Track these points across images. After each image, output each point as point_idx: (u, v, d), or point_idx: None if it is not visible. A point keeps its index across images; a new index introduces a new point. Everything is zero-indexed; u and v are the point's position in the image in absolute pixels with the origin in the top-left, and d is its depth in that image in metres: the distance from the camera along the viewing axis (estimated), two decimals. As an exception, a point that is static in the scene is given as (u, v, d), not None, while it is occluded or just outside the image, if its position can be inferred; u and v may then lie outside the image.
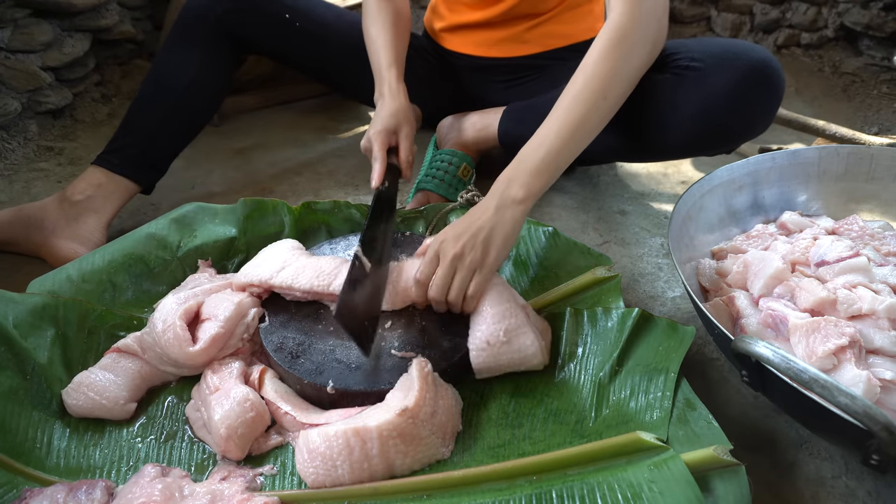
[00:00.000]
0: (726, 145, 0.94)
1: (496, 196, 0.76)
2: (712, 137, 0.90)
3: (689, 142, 0.91)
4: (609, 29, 0.80)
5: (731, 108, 0.86)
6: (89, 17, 1.46)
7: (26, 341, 0.73)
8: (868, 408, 0.50)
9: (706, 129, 0.88)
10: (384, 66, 1.03)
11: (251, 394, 0.68)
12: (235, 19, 1.11)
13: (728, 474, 0.58)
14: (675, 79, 0.89)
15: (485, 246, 0.74)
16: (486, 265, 0.74)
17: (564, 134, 0.77)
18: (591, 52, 0.80)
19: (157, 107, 1.07)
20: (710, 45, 0.89)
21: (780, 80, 0.86)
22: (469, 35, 1.19)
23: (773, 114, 0.90)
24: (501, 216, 0.75)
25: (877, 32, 1.83)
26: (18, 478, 0.64)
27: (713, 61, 0.86)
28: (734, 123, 0.88)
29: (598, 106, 0.78)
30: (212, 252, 0.91)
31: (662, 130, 0.92)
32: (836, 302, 0.71)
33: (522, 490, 0.60)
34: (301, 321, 0.78)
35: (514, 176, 0.77)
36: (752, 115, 0.88)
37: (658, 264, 1.01)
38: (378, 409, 0.65)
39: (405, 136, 0.98)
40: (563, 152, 0.77)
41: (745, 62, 0.85)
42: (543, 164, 0.76)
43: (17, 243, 0.99)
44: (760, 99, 0.86)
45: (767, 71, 0.85)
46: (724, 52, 0.87)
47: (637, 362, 0.72)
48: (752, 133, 0.90)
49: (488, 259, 0.74)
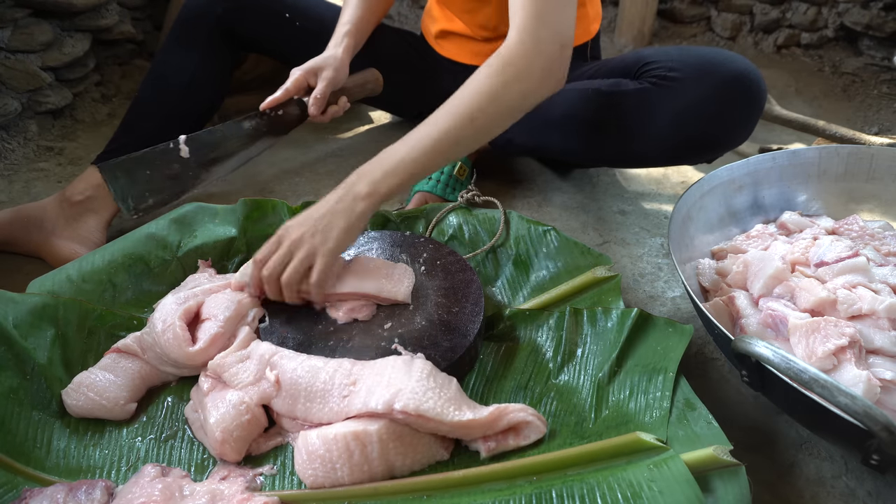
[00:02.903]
0: (705, 155, 0.94)
1: (344, 187, 0.77)
2: (690, 148, 0.90)
3: (666, 152, 0.92)
4: (497, 53, 0.79)
5: (709, 119, 0.86)
6: (89, 17, 1.45)
7: (26, 341, 0.73)
8: (868, 408, 0.50)
9: (684, 139, 0.89)
10: (342, 22, 1.09)
11: (247, 396, 0.68)
12: (235, 18, 1.11)
13: (728, 474, 0.58)
14: (652, 89, 0.89)
15: (325, 233, 0.75)
16: (324, 251, 0.75)
17: (425, 145, 0.77)
18: (478, 71, 0.79)
19: (156, 107, 1.07)
20: (689, 54, 0.89)
21: (759, 92, 0.86)
22: (464, 44, 1.19)
23: (752, 125, 0.89)
24: (344, 206, 0.76)
25: (877, 32, 1.83)
26: (18, 478, 0.64)
27: (691, 72, 0.86)
28: (712, 134, 0.88)
29: (464, 127, 0.77)
30: (212, 252, 0.91)
31: (640, 140, 0.92)
32: (836, 302, 0.71)
33: (522, 490, 0.60)
34: (301, 321, 0.78)
35: (367, 172, 0.77)
36: (730, 127, 0.88)
37: (658, 264, 1.01)
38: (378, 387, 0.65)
39: (324, 77, 1.03)
40: (419, 162, 0.77)
41: (722, 73, 0.85)
42: (397, 168, 0.77)
43: (17, 243, 0.99)
44: (739, 110, 0.86)
45: (746, 83, 0.85)
46: (703, 63, 0.86)
47: (636, 362, 0.72)
48: (731, 144, 0.91)
49: (327, 245, 0.75)
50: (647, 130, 0.90)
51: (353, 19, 1.09)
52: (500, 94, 0.78)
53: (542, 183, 1.23)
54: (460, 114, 0.77)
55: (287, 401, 0.68)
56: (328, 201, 0.77)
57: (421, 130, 0.78)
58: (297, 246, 0.76)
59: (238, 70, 1.38)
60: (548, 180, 1.24)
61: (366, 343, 0.74)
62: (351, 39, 1.07)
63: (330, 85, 1.04)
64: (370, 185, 0.76)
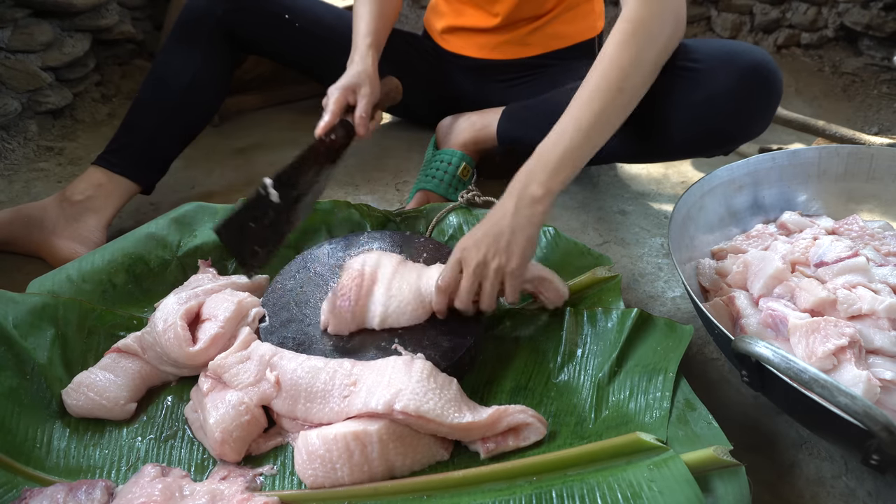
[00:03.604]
0: (724, 146, 0.94)
1: (514, 195, 0.75)
2: (711, 138, 0.90)
3: (687, 142, 0.91)
4: (625, 20, 0.79)
5: (730, 108, 0.86)
6: (89, 17, 1.46)
7: (26, 341, 0.73)
8: (868, 408, 0.50)
9: (704, 129, 0.88)
10: (361, 35, 1.05)
11: (246, 397, 0.68)
12: (235, 19, 1.12)
13: (728, 474, 0.58)
14: (673, 79, 0.89)
15: (508, 250, 0.73)
16: (512, 270, 0.73)
17: (583, 128, 0.75)
18: (608, 44, 0.78)
19: (157, 107, 1.07)
20: (709, 45, 0.89)
21: (778, 82, 0.86)
22: (471, 38, 1.19)
23: (771, 115, 0.89)
24: (521, 217, 0.74)
25: (877, 32, 1.83)
26: (18, 478, 0.64)
27: (712, 62, 0.86)
28: (732, 124, 0.88)
29: (616, 99, 0.77)
30: (212, 252, 0.91)
31: (661, 131, 0.92)
32: (836, 302, 0.71)
33: (522, 490, 0.60)
34: (301, 321, 0.78)
35: (533, 173, 0.75)
36: (751, 116, 0.88)
37: (658, 264, 1.01)
38: (378, 386, 0.66)
39: (363, 94, 1.00)
40: (582, 147, 0.76)
41: (744, 63, 0.85)
42: (562, 161, 0.75)
43: (17, 243, 0.99)
44: (759, 100, 0.86)
45: (765, 72, 0.85)
46: (724, 53, 0.86)
47: (636, 363, 0.72)
48: (750, 134, 0.90)
49: (512, 263, 0.73)
50: (668, 120, 0.89)
51: (373, 30, 1.06)
52: (641, 59, 0.77)
53: (542, 183, 1.23)
54: (608, 89, 0.76)
55: (287, 401, 0.68)
56: (504, 212, 0.74)
57: (571, 118, 0.77)
58: (483, 271, 0.73)
59: (238, 70, 1.38)
60: (548, 180, 1.24)
61: (366, 343, 0.74)
62: (375, 52, 1.05)
63: (370, 102, 1.01)
64: (542, 185, 0.74)
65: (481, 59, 1.20)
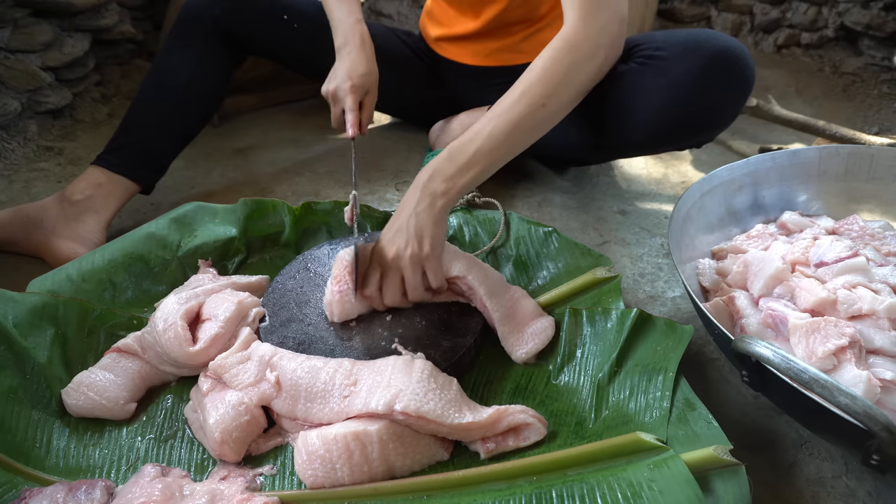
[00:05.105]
0: (694, 137, 0.93)
1: (418, 188, 0.76)
2: (677, 128, 0.90)
3: (654, 133, 0.91)
4: (560, 38, 0.79)
5: (695, 96, 0.86)
6: (89, 17, 1.46)
7: (26, 341, 0.73)
8: (868, 408, 0.50)
9: (670, 118, 0.88)
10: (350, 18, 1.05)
11: (246, 397, 0.68)
12: (234, 19, 1.12)
13: (728, 474, 0.58)
14: (638, 68, 0.89)
15: (418, 237, 0.74)
16: (427, 254, 0.74)
17: (497, 134, 0.76)
18: (541, 57, 0.79)
19: (156, 107, 1.07)
20: (675, 35, 0.89)
21: (746, 68, 0.85)
22: (464, 45, 1.19)
23: (739, 103, 0.89)
24: (424, 207, 0.75)
25: (877, 32, 1.83)
26: (18, 477, 0.64)
27: (677, 50, 0.86)
28: (698, 113, 0.88)
29: (536, 113, 0.77)
30: (212, 252, 0.91)
31: (627, 121, 0.92)
32: (836, 302, 0.71)
33: (522, 490, 0.60)
34: (301, 321, 0.78)
35: (440, 169, 0.76)
36: (717, 104, 0.87)
37: (658, 264, 1.01)
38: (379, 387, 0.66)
39: (371, 100, 1.04)
40: (494, 152, 0.76)
41: (708, 50, 0.84)
42: (471, 161, 0.76)
43: (16, 243, 0.99)
44: (725, 87, 0.86)
45: (732, 59, 0.84)
46: (688, 41, 0.86)
47: (636, 363, 0.72)
48: (718, 124, 0.90)
49: (425, 248, 0.74)
50: (635, 110, 0.90)
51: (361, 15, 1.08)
52: (571, 76, 0.78)
53: (542, 183, 1.23)
54: (532, 101, 0.77)
55: (287, 401, 0.68)
56: (406, 206, 0.76)
57: (488, 122, 0.77)
58: (399, 262, 0.74)
59: (237, 70, 1.38)
60: (548, 180, 1.24)
61: (366, 343, 0.74)
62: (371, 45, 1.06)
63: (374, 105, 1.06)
64: (446, 181, 0.75)
65: (475, 65, 1.20)
